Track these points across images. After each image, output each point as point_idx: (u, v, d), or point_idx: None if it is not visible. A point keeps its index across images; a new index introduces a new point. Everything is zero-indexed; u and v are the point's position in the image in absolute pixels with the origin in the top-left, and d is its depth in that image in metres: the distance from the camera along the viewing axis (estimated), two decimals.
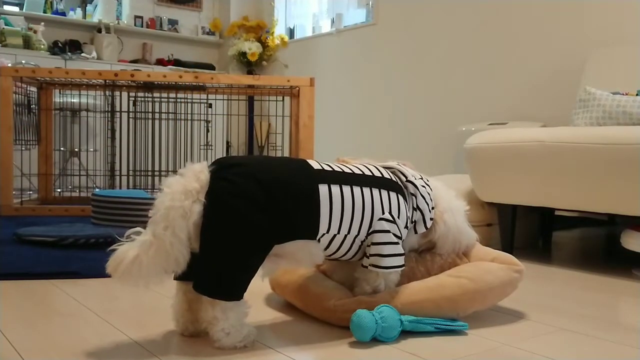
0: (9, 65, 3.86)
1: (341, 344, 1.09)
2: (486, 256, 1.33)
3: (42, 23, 4.90)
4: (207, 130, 3.65)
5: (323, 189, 1.11)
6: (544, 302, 1.46)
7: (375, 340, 1.10)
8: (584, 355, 1.07)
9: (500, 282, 1.25)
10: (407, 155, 4.18)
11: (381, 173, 1.23)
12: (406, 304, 1.18)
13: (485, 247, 1.38)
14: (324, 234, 1.12)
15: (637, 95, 2.25)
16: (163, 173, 3.40)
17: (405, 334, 1.14)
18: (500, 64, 3.62)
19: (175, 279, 1.09)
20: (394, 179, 1.24)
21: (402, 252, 1.18)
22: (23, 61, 4.37)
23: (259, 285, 1.49)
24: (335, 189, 1.13)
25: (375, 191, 1.18)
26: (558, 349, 1.10)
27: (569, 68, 3.26)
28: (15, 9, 4.95)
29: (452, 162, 3.86)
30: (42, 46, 4.79)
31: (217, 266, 1.01)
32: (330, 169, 1.16)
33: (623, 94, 2.26)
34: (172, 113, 3.36)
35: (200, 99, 3.44)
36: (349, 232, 1.14)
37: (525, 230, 2.35)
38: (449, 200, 1.31)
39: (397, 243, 1.17)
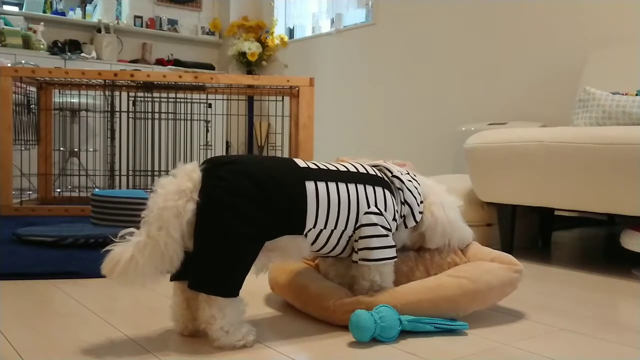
0: (9, 65, 3.86)
1: (340, 343, 1.09)
2: (486, 256, 1.33)
3: (42, 23, 4.90)
4: (207, 130, 3.65)
5: (310, 185, 1.12)
6: (544, 302, 1.46)
7: (375, 340, 1.10)
8: (583, 355, 1.07)
9: (500, 282, 1.25)
10: (407, 155, 4.17)
11: (366, 170, 1.24)
12: (406, 304, 1.17)
13: (485, 247, 1.38)
14: (310, 229, 1.13)
15: (636, 95, 2.25)
16: (163, 173, 3.39)
17: (405, 334, 1.14)
18: (500, 64, 3.62)
19: (172, 279, 1.09)
20: (379, 175, 1.25)
21: (392, 244, 1.19)
22: (23, 61, 4.37)
23: (258, 285, 1.49)
24: (322, 185, 1.14)
25: (361, 187, 1.19)
26: (558, 349, 1.10)
27: (569, 68, 3.26)
28: (15, 8, 4.95)
29: (452, 162, 3.86)
30: (42, 46, 4.79)
31: (212, 263, 1.02)
32: (316, 167, 1.17)
33: (623, 94, 2.25)
34: (171, 113, 3.36)
35: (199, 99, 3.43)
36: (335, 227, 1.15)
37: (525, 230, 2.35)
38: (439, 195, 1.31)
39: (386, 235, 1.18)
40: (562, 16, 3.28)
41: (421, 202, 1.27)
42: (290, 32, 5.50)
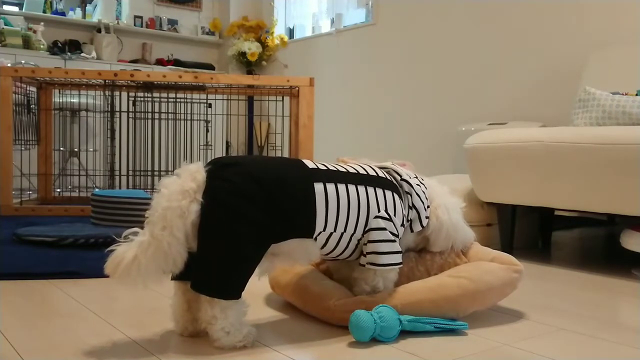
0: (9, 65, 3.86)
1: (341, 343, 1.09)
2: (486, 256, 1.33)
3: (42, 23, 4.90)
4: (207, 130, 3.65)
5: (319, 187, 1.11)
6: (544, 302, 1.46)
7: (375, 340, 1.10)
8: (583, 355, 1.07)
9: (500, 282, 1.25)
10: (407, 156, 4.17)
11: (376, 172, 1.23)
12: (406, 304, 1.17)
13: (485, 247, 1.38)
14: (320, 232, 1.12)
15: (636, 95, 2.25)
16: (163, 173, 3.39)
17: (405, 333, 1.14)
18: (500, 64, 3.62)
19: (173, 279, 1.09)
20: (388, 178, 1.24)
21: (399, 250, 1.19)
22: (23, 61, 4.37)
23: (259, 286, 1.49)
24: (331, 187, 1.13)
25: (371, 189, 1.18)
26: (558, 349, 1.10)
27: (569, 68, 3.26)
28: (15, 8, 4.95)
29: (452, 162, 3.86)
30: (42, 46, 4.79)
31: (215, 265, 1.02)
32: (325, 168, 1.16)
33: (623, 94, 2.26)
34: (171, 113, 3.36)
35: (199, 99, 3.43)
36: (345, 230, 1.15)
37: (525, 230, 2.35)
38: (443, 197, 1.31)
39: (393, 241, 1.17)
40: (562, 16, 3.28)
41: (428, 206, 1.27)
42: (290, 32, 5.50)
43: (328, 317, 1.19)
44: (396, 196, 1.22)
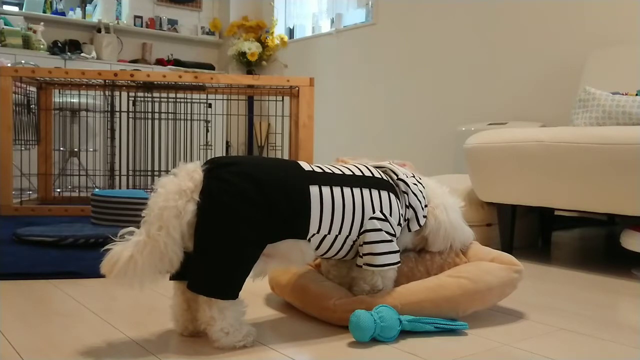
0: (9, 65, 3.85)
1: (340, 343, 1.09)
2: (486, 256, 1.33)
3: (42, 23, 4.90)
4: (207, 130, 3.65)
5: (314, 190, 1.12)
6: (544, 302, 1.46)
7: (375, 340, 1.10)
8: (583, 355, 1.07)
9: (499, 282, 1.25)
10: (406, 156, 4.17)
11: (372, 173, 1.23)
12: (406, 304, 1.17)
13: (485, 247, 1.38)
14: (314, 234, 1.12)
15: (636, 95, 2.25)
16: (163, 173, 3.39)
17: (405, 333, 1.14)
18: (500, 64, 3.62)
19: (172, 278, 1.09)
20: (385, 177, 1.24)
21: (397, 249, 1.19)
22: (22, 61, 4.37)
23: (258, 286, 1.49)
24: (326, 190, 1.13)
25: (366, 191, 1.18)
26: (558, 349, 1.10)
27: (569, 68, 3.26)
28: (15, 8, 4.95)
29: (452, 162, 3.86)
30: (42, 46, 4.79)
31: (212, 265, 1.01)
32: (321, 171, 1.16)
33: (623, 94, 2.26)
34: (171, 113, 3.36)
35: (199, 99, 3.43)
36: (339, 233, 1.15)
37: (525, 230, 2.35)
38: (442, 197, 1.31)
39: (390, 241, 1.17)
40: (562, 16, 3.28)
41: (425, 206, 1.27)
42: (290, 32, 5.50)
43: (328, 317, 1.19)
44: (392, 196, 1.22)
